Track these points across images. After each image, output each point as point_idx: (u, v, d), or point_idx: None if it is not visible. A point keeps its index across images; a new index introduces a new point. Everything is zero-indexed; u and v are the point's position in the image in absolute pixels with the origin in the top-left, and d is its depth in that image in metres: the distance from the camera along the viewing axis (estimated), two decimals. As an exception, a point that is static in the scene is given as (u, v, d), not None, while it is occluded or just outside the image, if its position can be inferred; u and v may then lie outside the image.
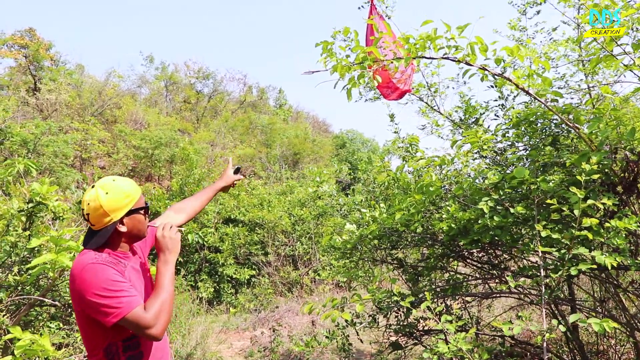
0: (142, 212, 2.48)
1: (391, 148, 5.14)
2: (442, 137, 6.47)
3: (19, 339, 3.53)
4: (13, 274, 4.00)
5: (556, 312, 4.78)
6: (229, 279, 13.33)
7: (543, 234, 3.30)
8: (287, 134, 34.07)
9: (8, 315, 4.02)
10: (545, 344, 3.18)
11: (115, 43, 71.83)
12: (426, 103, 6.47)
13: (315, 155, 33.59)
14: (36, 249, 4.10)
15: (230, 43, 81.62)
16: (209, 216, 14.16)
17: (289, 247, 14.36)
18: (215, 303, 13.08)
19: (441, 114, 6.26)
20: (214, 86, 39.05)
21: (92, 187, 2.36)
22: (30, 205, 3.91)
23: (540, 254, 3.51)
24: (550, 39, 6.28)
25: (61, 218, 4.18)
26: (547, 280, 3.44)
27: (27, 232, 4.00)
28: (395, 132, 5.88)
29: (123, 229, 2.39)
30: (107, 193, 2.32)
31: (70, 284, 2.21)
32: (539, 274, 3.61)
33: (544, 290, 3.40)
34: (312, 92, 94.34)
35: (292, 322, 10.71)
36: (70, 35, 66.13)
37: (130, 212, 2.42)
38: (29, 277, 3.98)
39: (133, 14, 77.05)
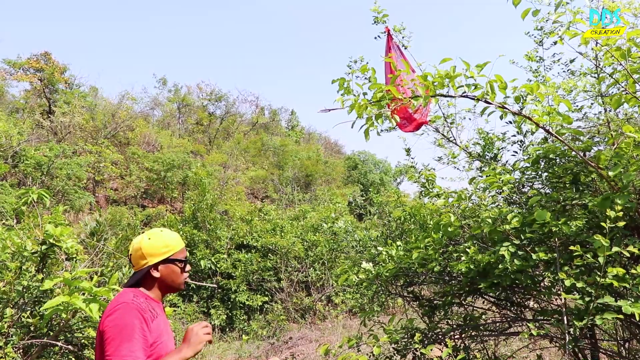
0: (178, 264, 2.59)
1: (408, 178, 5.08)
2: (458, 169, 6.40)
3: (31, 382, 3.49)
4: (26, 315, 3.96)
5: (577, 350, 4.66)
6: (241, 305, 13.24)
7: (567, 282, 3.22)
8: (299, 155, 34.10)
9: (21, 356, 3.97)
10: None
11: (129, 66, 72.79)
12: (442, 134, 6.41)
13: (328, 177, 33.57)
14: (49, 289, 4.07)
15: (242, 64, 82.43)
16: (222, 242, 14.12)
17: (302, 273, 14.26)
18: (227, 330, 12.99)
19: (458, 145, 6.20)
20: (226, 108, 39.30)
21: (143, 233, 2.61)
22: (44, 247, 3.89)
23: (563, 301, 3.42)
24: (567, 70, 6.22)
25: (75, 259, 4.16)
26: (571, 329, 3.33)
27: (41, 275, 3.97)
28: (412, 167, 5.83)
29: (156, 274, 2.54)
30: (149, 239, 2.54)
31: (103, 314, 2.36)
32: (561, 318, 3.52)
33: (567, 339, 3.30)
34: (324, 113, 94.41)
35: (305, 349, 10.59)
36: (85, 59, 67.11)
37: (167, 261, 2.56)
38: (41, 321, 3.94)
39: (146, 37, 78.10)
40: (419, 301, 5.44)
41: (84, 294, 3.78)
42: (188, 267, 2.67)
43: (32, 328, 4.06)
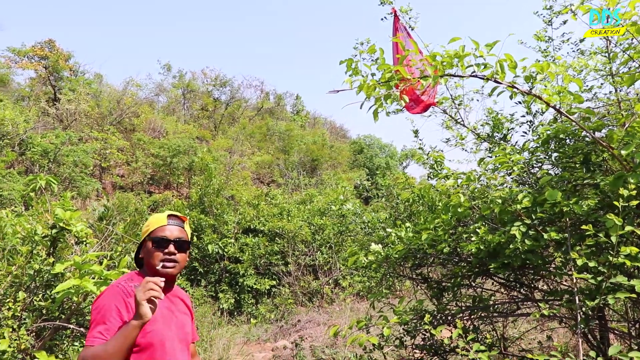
0: (149, 242, 2.43)
1: (415, 160, 5.05)
2: (465, 150, 6.36)
3: (44, 365, 3.52)
4: (38, 298, 3.98)
5: (586, 331, 4.65)
6: (249, 289, 13.29)
7: (579, 261, 3.20)
8: (304, 140, 34.05)
9: (33, 339, 4.00)
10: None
11: (133, 52, 72.60)
12: (450, 116, 6.37)
13: (333, 161, 33.54)
14: (60, 273, 4.09)
15: (246, 50, 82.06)
16: (229, 226, 14.15)
17: (309, 256, 14.29)
18: (235, 314, 13.04)
19: (466, 127, 6.16)
20: (231, 93, 39.19)
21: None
22: (54, 231, 3.90)
23: (574, 280, 3.41)
24: (577, 50, 6.14)
25: (84, 243, 4.17)
26: (583, 308, 3.32)
27: (51, 259, 3.98)
28: (420, 149, 5.79)
29: (141, 255, 2.51)
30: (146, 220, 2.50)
31: None
32: (572, 298, 3.51)
33: (579, 318, 3.29)
34: (330, 97, 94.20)
35: (313, 332, 10.63)
36: (89, 46, 66.98)
37: (145, 241, 2.47)
38: (53, 303, 3.96)
39: (150, 23, 77.79)
40: (428, 283, 5.44)
41: (94, 278, 3.80)
42: (171, 249, 2.40)
43: (44, 311, 4.08)
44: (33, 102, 27.48)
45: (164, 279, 2.19)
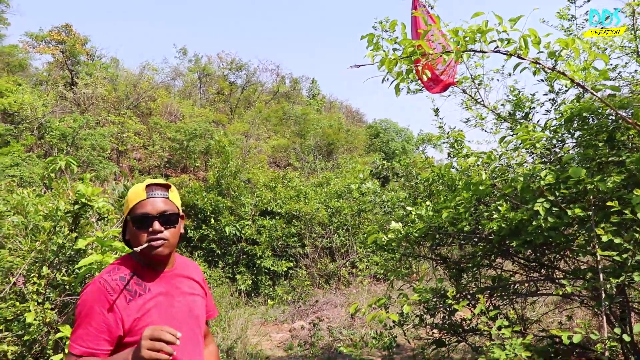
0: (130, 222, 2.11)
1: (435, 141, 5.00)
2: (485, 131, 6.30)
3: (68, 338, 3.57)
4: (61, 274, 4.04)
5: (608, 312, 4.62)
6: (266, 271, 13.38)
7: (604, 238, 3.16)
8: (320, 124, 33.98)
9: (57, 313, 4.06)
10: (607, 353, 3.05)
11: (149, 37, 72.71)
12: (470, 96, 6.31)
13: (350, 145, 33.44)
14: (82, 249, 4.13)
15: (262, 33, 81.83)
16: (246, 208, 14.21)
17: (326, 239, 14.33)
18: (253, 295, 13.15)
19: (486, 107, 6.10)
20: (247, 77, 39.12)
21: None
22: (76, 206, 3.93)
23: (598, 258, 3.37)
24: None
25: (106, 219, 4.21)
26: (607, 286, 3.29)
27: (74, 234, 4.03)
28: (439, 127, 5.75)
29: (127, 236, 2.18)
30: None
31: None
32: (595, 276, 3.48)
33: (603, 296, 3.26)
34: (346, 81, 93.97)
35: (330, 314, 10.69)
36: (105, 30, 67.18)
37: (126, 220, 2.16)
38: (76, 277, 4.01)
39: (166, 7, 77.80)
40: (447, 264, 5.42)
41: (115, 253, 3.83)
42: (156, 226, 2.05)
43: (67, 287, 4.14)
44: (51, 87, 27.66)
45: (179, 334, 1.78)
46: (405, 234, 4.62)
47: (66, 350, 3.63)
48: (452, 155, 5.28)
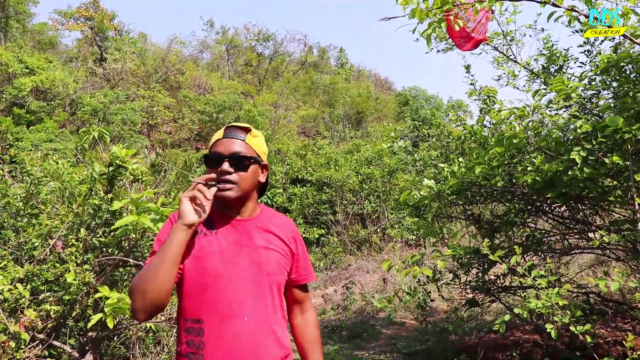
0: (205, 161, 2.00)
1: (468, 95, 4.90)
2: (518, 89, 6.17)
3: (107, 298, 3.65)
4: (98, 235, 4.12)
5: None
6: (298, 238, 13.49)
7: (643, 184, 3.09)
8: (349, 93, 33.81)
9: (95, 275, 4.15)
10: (644, 301, 3.00)
11: (176, 10, 72.76)
12: (502, 52, 6.17)
13: (379, 114, 33.26)
14: (117, 211, 4.20)
15: (289, 3, 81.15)
16: (277, 177, 14.29)
17: (357, 205, 14.35)
18: (285, 262, 13.29)
19: (518, 63, 5.97)
20: (275, 48, 39.06)
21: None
22: (111, 168, 3.99)
23: (636, 207, 3.30)
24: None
25: (140, 180, 4.26)
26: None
27: (110, 195, 4.10)
28: (471, 84, 5.66)
29: None
30: None
31: None
32: (633, 228, 3.42)
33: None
34: (374, 50, 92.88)
35: (362, 280, 10.76)
36: (132, 5, 67.37)
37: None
38: (113, 239, 4.09)
39: (192, -22, 77.55)
40: (480, 223, 5.38)
41: (150, 215, 3.88)
42: (225, 166, 1.92)
43: (104, 249, 4.23)
44: (81, 63, 28.04)
45: (214, 175, 1.87)
46: (438, 192, 4.58)
47: (106, 310, 3.74)
48: (484, 112, 5.20)
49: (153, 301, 1.75)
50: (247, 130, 2.05)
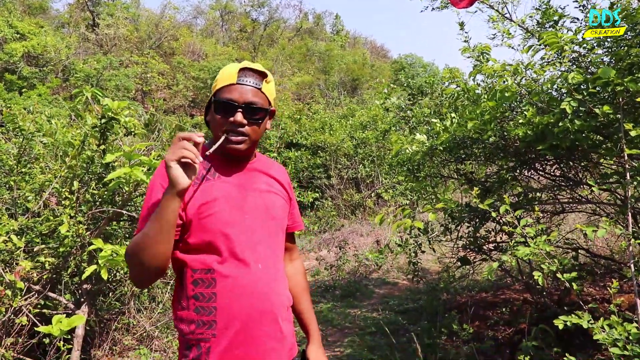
0: (214, 107, 1.83)
1: (462, 52, 4.86)
2: (513, 48, 6.12)
3: (101, 250, 3.69)
4: (92, 189, 4.13)
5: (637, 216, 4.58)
6: (292, 202, 13.57)
7: (632, 133, 3.10)
8: (344, 60, 33.62)
9: (89, 229, 4.19)
10: (630, 249, 3.05)
11: (170, -26, 71.45)
12: (497, 11, 6.12)
13: (374, 81, 33.13)
14: (110, 165, 4.21)
15: (284, -31, 79.79)
16: (271, 141, 14.29)
17: (352, 170, 14.38)
18: (279, 225, 13.38)
19: (513, 21, 5.92)
20: (270, 14, 38.67)
21: None
22: (103, 120, 3.98)
23: (625, 158, 3.32)
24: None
25: (133, 133, 4.26)
26: (634, 183, 3.24)
27: (102, 147, 4.10)
28: (465, 41, 5.62)
29: (208, 117, 1.93)
30: None
31: None
32: (622, 180, 3.44)
33: (630, 193, 3.23)
34: (370, 17, 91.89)
35: (356, 242, 10.85)
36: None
37: (210, 101, 1.88)
38: (106, 191, 4.11)
39: (185, -57, 76.15)
40: (472, 183, 5.40)
41: (144, 168, 3.90)
42: (238, 117, 1.76)
43: (98, 202, 4.25)
44: (73, 29, 27.71)
45: (202, 134, 1.61)
46: (430, 146, 4.60)
47: (100, 262, 3.77)
48: (478, 69, 5.17)
49: (153, 269, 1.67)
50: (263, 76, 1.90)
